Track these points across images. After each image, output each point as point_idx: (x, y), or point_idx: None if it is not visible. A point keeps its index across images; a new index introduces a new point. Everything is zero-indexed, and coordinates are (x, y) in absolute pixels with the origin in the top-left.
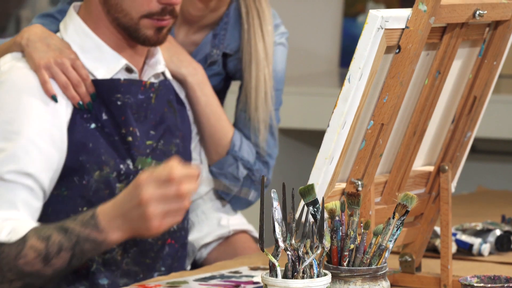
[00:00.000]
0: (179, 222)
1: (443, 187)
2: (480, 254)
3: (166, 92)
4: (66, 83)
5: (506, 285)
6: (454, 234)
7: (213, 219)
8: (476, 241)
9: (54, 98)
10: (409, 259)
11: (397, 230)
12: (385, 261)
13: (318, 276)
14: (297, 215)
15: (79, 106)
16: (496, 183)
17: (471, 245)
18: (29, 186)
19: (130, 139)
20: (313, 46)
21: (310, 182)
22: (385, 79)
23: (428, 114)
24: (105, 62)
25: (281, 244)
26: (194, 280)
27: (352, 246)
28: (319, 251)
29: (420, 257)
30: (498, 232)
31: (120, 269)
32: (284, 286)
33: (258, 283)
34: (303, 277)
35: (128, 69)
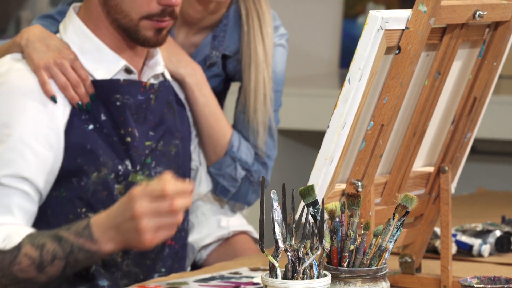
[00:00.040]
0: (172, 236)
1: (443, 188)
2: (480, 255)
3: (166, 93)
4: (66, 84)
5: (506, 286)
6: (454, 235)
7: (213, 221)
8: (476, 242)
9: (54, 99)
10: (409, 260)
11: (397, 231)
12: (385, 262)
13: (318, 277)
14: (297, 216)
15: (78, 107)
16: (496, 184)
17: (471, 246)
18: (25, 191)
19: (129, 140)
20: (313, 47)
21: (310, 183)
22: (385, 80)
23: (428, 115)
24: (104, 63)
25: (281, 245)
26: (194, 281)
27: (352, 247)
28: (319, 252)
29: (420, 258)
30: (498, 233)
31: (121, 271)
32: (284, 287)
33: (258, 284)
34: (303, 278)
35: (128, 70)
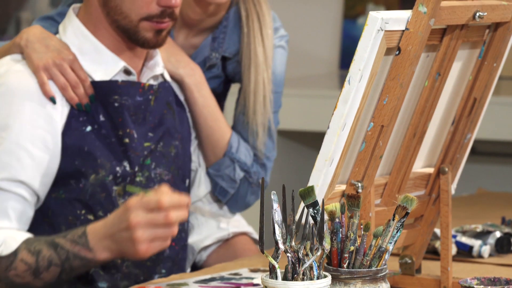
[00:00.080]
0: (166, 247)
1: (443, 189)
2: (480, 256)
3: (166, 94)
4: (65, 84)
5: (506, 287)
6: (454, 236)
7: (213, 222)
8: (476, 243)
9: (53, 100)
10: (409, 261)
11: (397, 232)
12: (385, 263)
13: (318, 278)
14: (297, 217)
15: (77, 107)
16: (496, 185)
17: (471, 247)
18: (21, 194)
19: (127, 141)
20: (313, 48)
21: (310, 184)
22: (385, 81)
23: (428, 116)
24: (103, 64)
25: (281, 246)
26: (194, 282)
27: (352, 248)
28: (319, 253)
29: (420, 259)
30: (498, 234)
31: (121, 272)
32: None
33: (258, 285)
34: (303, 279)
35: (127, 71)
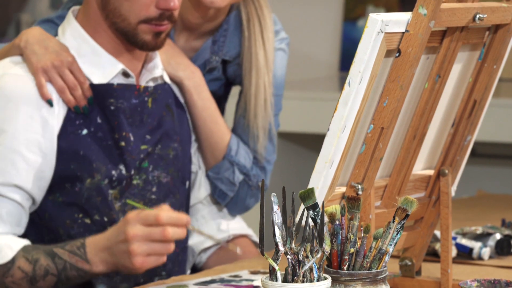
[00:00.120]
0: (163, 263)
1: (443, 191)
2: (480, 258)
3: (165, 96)
4: (63, 87)
5: None
6: (454, 238)
7: (213, 224)
8: (476, 245)
9: (50, 103)
10: (409, 263)
11: (397, 234)
12: (385, 265)
13: (318, 280)
14: (297, 219)
15: (75, 110)
16: (496, 187)
17: (471, 249)
18: (16, 199)
19: (123, 144)
20: (313, 50)
21: (310, 186)
22: (385, 83)
23: (428, 118)
24: (102, 67)
25: (281, 248)
26: (194, 284)
27: (352, 250)
28: (319, 255)
29: (420, 261)
30: (498, 236)
31: (120, 274)
32: None
33: (258, 287)
34: (303, 281)
35: (125, 74)
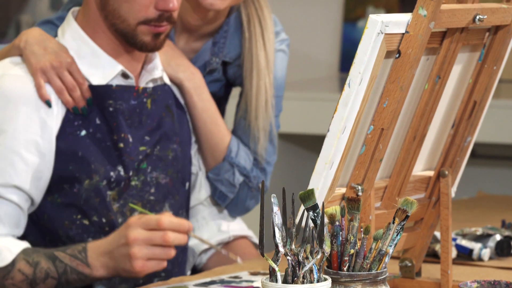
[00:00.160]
0: (163, 268)
1: (443, 192)
2: (480, 259)
3: (165, 97)
4: (61, 88)
5: None
6: (454, 239)
7: (213, 225)
8: (476, 246)
9: (48, 103)
10: (409, 264)
11: (397, 235)
12: (385, 266)
13: (318, 281)
14: (297, 220)
15: (74, 111)
16: (496, 188)
17: (471, 250)
18: (15, 200)
19: (122, 146)
20: (313, 51)
21: (310, 187)
22: (385, 84)
23: (428, 119)
24: (101, 68)
25: (281, 249)
26: (194, 285)
27: (352, 251)
28: (319, 256)
29: (420, 262)
30: (498, 237)
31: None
32: None
33: None
34: (303, 282)
35: (124, 75)
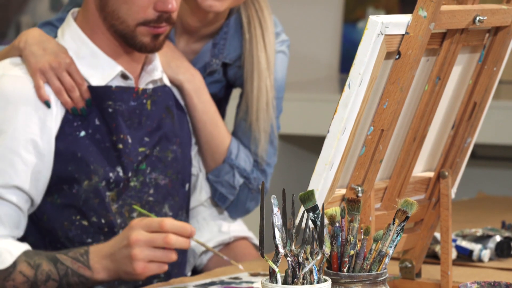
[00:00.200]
0: (164, 271)
1: (443, 193)
2: (480, 260)
3: (165, 98)
4: (59, 88)
5: None
6: (454, 240)
7: (214, 226)
8: (476, 247)
9: (47, 104)
10: (409, 265)
11: (397, 236)
12: (385, 267)
13: (318, 282)
14: (297, 221)
15: (72, 112)
16: (496, 189)
17: (471, 251)
18: (15, 201)
19: (121, 147)
20: (313, 52)
21: (310, 188)
22: (385, 85)
23: (428, 120)
24: (100, 69)
25: (281, 250)
26: (194, 286)
27: (352, 252)
28: (319, 257)
29: (420, 263)
30: (498, 238)
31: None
32: None
33: None
34: (303, 283)
35: (124, 76)
